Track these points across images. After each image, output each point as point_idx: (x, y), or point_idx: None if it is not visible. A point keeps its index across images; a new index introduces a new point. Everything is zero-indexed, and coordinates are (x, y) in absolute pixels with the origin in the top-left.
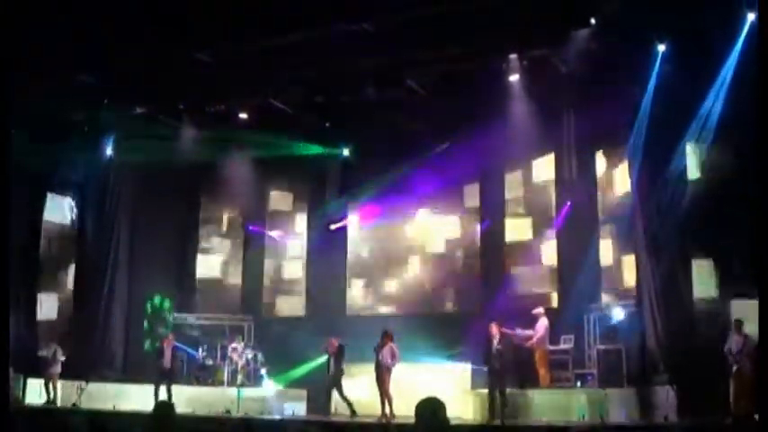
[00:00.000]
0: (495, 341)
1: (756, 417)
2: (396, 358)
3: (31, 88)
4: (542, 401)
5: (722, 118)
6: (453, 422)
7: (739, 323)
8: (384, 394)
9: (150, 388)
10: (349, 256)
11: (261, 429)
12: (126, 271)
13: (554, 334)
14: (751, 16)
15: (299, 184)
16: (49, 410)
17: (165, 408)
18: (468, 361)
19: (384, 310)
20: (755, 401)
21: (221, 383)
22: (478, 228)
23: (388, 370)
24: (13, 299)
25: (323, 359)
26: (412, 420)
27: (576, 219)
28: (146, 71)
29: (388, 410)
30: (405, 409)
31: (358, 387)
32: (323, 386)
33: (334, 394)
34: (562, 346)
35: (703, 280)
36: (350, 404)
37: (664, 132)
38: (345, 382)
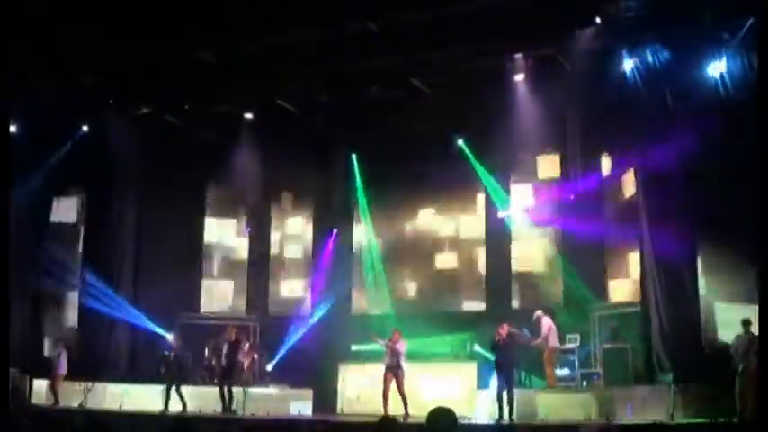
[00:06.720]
0: (501, 337)
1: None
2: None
3: (37, 89)
4: (549, 400)
5: (725, 117)
6: (461, 422)
7: (746, 322)
8: (402, 395)
9: (155, 387)
10: (354, 255)
11: (267, 429)
12: (132, 270)
13: (559, 333)
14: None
15: (304, 184)
16: (54, 411)
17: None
18: (477, 360)
19: (391, 308)
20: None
21: None
22: (484, 226)
23: (402, 369)
24: (20, 299)
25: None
26: (421, 420)
27: (582, 216)
28: (150, 71)
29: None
30: (413, 408)
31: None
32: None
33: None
34: (568, 345)
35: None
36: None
37: (670, 133)
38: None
